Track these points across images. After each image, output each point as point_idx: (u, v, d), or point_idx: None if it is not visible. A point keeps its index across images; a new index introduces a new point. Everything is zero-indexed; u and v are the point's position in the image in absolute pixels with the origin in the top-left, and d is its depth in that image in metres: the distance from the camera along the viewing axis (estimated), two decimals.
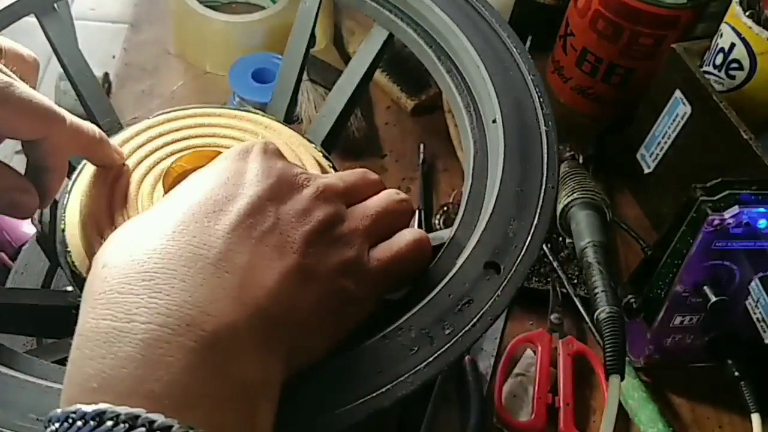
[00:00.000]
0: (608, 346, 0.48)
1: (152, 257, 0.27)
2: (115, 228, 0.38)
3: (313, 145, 0.44)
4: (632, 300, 0.57)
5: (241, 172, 0.31)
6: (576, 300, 0.63)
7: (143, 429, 0.23)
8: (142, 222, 0.29)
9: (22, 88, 0.33)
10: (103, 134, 0.39)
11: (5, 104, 0.32)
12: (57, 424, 0.24)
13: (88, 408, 0.23)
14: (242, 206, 0.30)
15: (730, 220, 0.50)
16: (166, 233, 0.28)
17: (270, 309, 0.28)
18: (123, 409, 0.23)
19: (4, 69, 0.33)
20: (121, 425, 0.23)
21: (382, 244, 0.34)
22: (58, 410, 0.24)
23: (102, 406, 0.23)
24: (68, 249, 0.38)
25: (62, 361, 0.33)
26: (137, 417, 0.23)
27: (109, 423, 0.23)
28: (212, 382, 0.25)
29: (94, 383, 0.24)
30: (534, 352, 0.61)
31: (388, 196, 0.36)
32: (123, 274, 0.26)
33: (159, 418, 0.23)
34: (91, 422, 0.23)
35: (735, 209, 0.50)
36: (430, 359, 0.31)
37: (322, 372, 0.30)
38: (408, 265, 0.34)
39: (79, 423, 0.23)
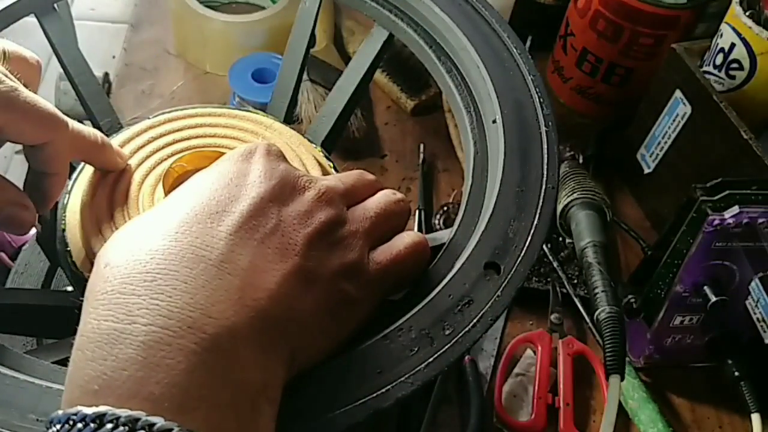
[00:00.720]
0: (608, 346, 0.48)
1: (155, 257, 0.27)
2: (116, 228, 0.38)
3: (314, 146, 0.44)
4: (632, 300, 0.57)
5: (244, 174, 0.31)
6: (576, 300, 0.63)
7: None
8: (144, 222, 0.29)
9: (26, 93, 0.33)
10: (105, 138, 0.39)
11: (10, 109, 0.32)
12: (58, 426, 0.24)
13: (89, 410, 0.23)
14: (245, 207, 0.30)
15: (730, 220, 0.50)
16: (168, 233, 0.28)
17: (271, 311, 0.28)
18: (123, 412, 0.23)
19: (9, 74, 0.33)
20: (121, 428, 0.23)
21: (381, 246, 0.34)
22: (60, 412, 0.24)
23: (102, 408, 0.23)
24: (68, 249, 0.38)
25: (62, 362, 0.33)
26: (137, 420, 0.23)
27: (109, 426, 0.23)
28: (213, 384, 0.25)
29: (95, 385, 0.24)
30: (534, 352, 0.61)
31: (386, 196, 0.36)
32: (125, 274, 0.26)
33: (159, 421, 0.23)
34: (92, 425, 0.23)
35: (735, 209, 0.50)
36: (430, 360, 0.31)
37: (323, 372, 0.30)
38: (407, 268, 0.35)
39: (79, 425, 0.23)
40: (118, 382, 0.24)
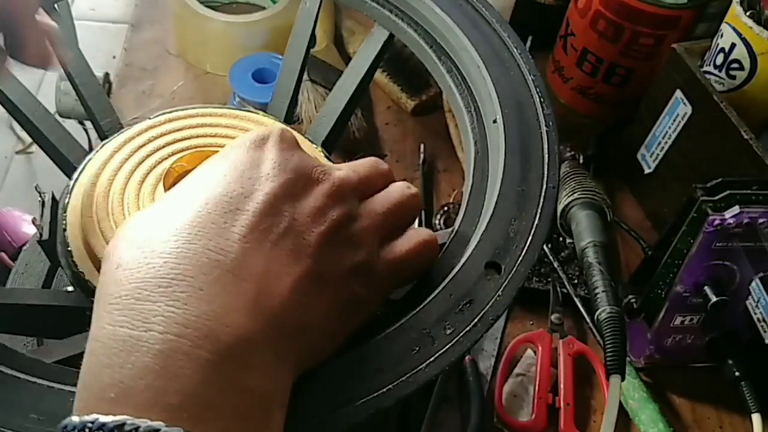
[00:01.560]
0: (609, 346, 0.48)
1: (168, 262, 0.26)
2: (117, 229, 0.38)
3: (314, 146, 0.44)
4: (633, 300, 0.57)
5: (257, 164, 0.31)
6: (576, 300, 0.63)
7: None
8: (154, 217, 0.29)
9: None
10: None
11: None
12: None
13: (107, 419, 0.23)
14: (258, 206, 0.29)
15: (731, 220, 0.50)
16: (181, 234, 0.27)
17: (284, 317, 0.28)
18: (143, 422, 0.23)
19: None
20: None
21: (392, 244, 0.33)
22: (75, 419, 0.24)
23: (121, 417, 0.23)
24: (69, 249, 0.38)
25: (63, 362, 0.33)
26: (157, 431, 0.23)
27: None
28: (229, 394, 0.25)
29: (111, 393, 0.24)
30: (534, 352, 0.61)
31: (399, 191, 0.35)
32: (139, 278, 0.26)
33: None
34: None
35: (735, 209, 0.50)
36: (431, 359, 0.31)
37: (323, 372, 0.30)
38: (416, 266, 0.34)
39: None
40: (135, 391, 0.24)
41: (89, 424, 0.23)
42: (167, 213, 0.29)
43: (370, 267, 0.32)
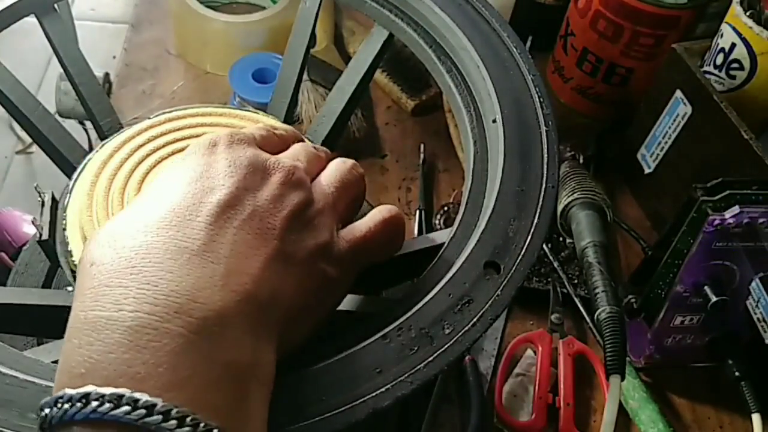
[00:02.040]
0: (609, 346, 0.48)
1: (139, 253, 0.27)
2: None
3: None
4: (633, 300, 0.57)
5: (213, 165, 0.32)
6: (576, 300, 0.63)
7: (128, 407, 0.24)
8: (122, 220, 0.30)
9: None
10: None
11: None
12: (47, 410, 0.25)
13: (74, 391, 0.24)
14: (221, 197, 0.30)
15: (731, 220, 0.50)
16: (149, 230, 0.28)
17: (257, 294, 0.28)
18: (107, 390, 0.24)
19: None
20: (107, 404, 0.24)
21: (352, 224, 0.35)
22: (48, 397, 0.25)
23: (87, 388, 0.24)
24: (69, 249, 0.38)
25: None
26: (121, 396, 0.24)
27: (95, 403, 0.24)
28: (200, 365, 0.26)
29: (81, 369, 0.25)
30: (534, 352, 0.61)
31: (339, 169, 0.36)
32: (111, 270, 0.27)
33: (143, 397, 0.24)
34: (78, 404, 0.24)
35: (735, 209, 0.50)
36: (430, 359, 0.31)
37: (322, 371, 0.30)
38: (380, 244, 0.35)
39: (66, 406, 0.24)
40: (104, 365, 0.25)
41: (59, 399, 0.24)
42: (134, 216, 0.30)
43: (333, 246, 0.33)
